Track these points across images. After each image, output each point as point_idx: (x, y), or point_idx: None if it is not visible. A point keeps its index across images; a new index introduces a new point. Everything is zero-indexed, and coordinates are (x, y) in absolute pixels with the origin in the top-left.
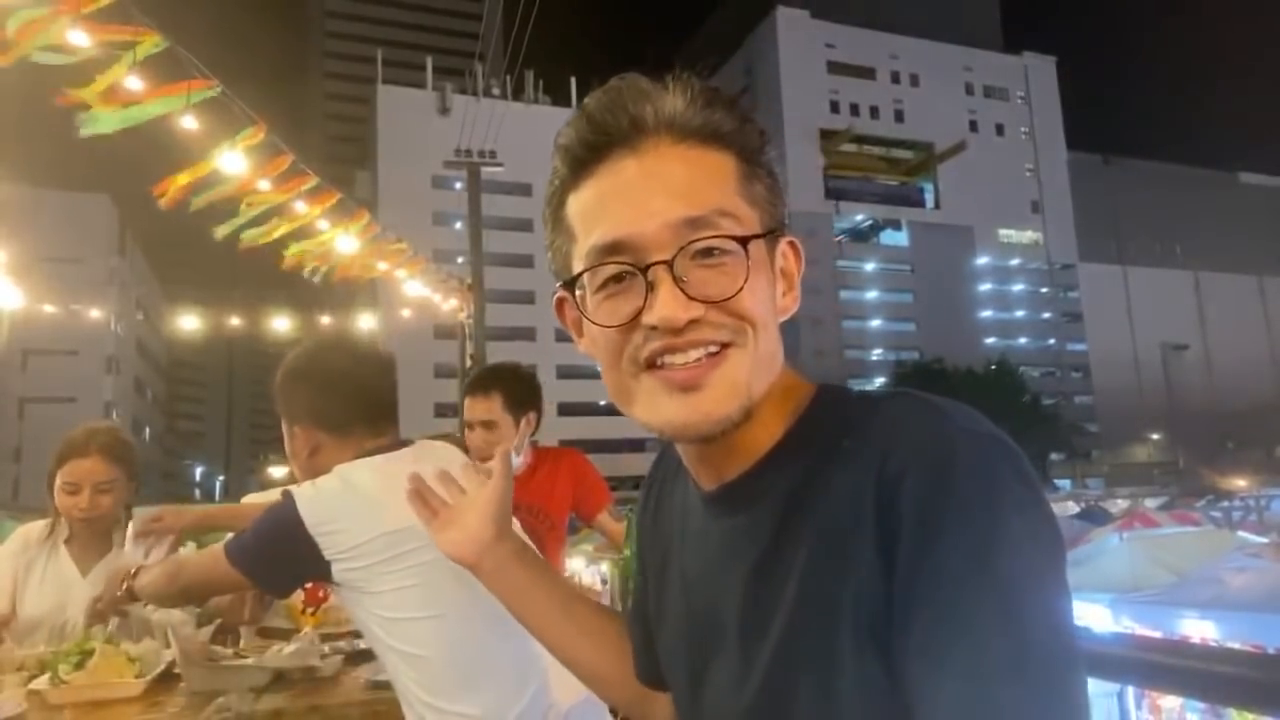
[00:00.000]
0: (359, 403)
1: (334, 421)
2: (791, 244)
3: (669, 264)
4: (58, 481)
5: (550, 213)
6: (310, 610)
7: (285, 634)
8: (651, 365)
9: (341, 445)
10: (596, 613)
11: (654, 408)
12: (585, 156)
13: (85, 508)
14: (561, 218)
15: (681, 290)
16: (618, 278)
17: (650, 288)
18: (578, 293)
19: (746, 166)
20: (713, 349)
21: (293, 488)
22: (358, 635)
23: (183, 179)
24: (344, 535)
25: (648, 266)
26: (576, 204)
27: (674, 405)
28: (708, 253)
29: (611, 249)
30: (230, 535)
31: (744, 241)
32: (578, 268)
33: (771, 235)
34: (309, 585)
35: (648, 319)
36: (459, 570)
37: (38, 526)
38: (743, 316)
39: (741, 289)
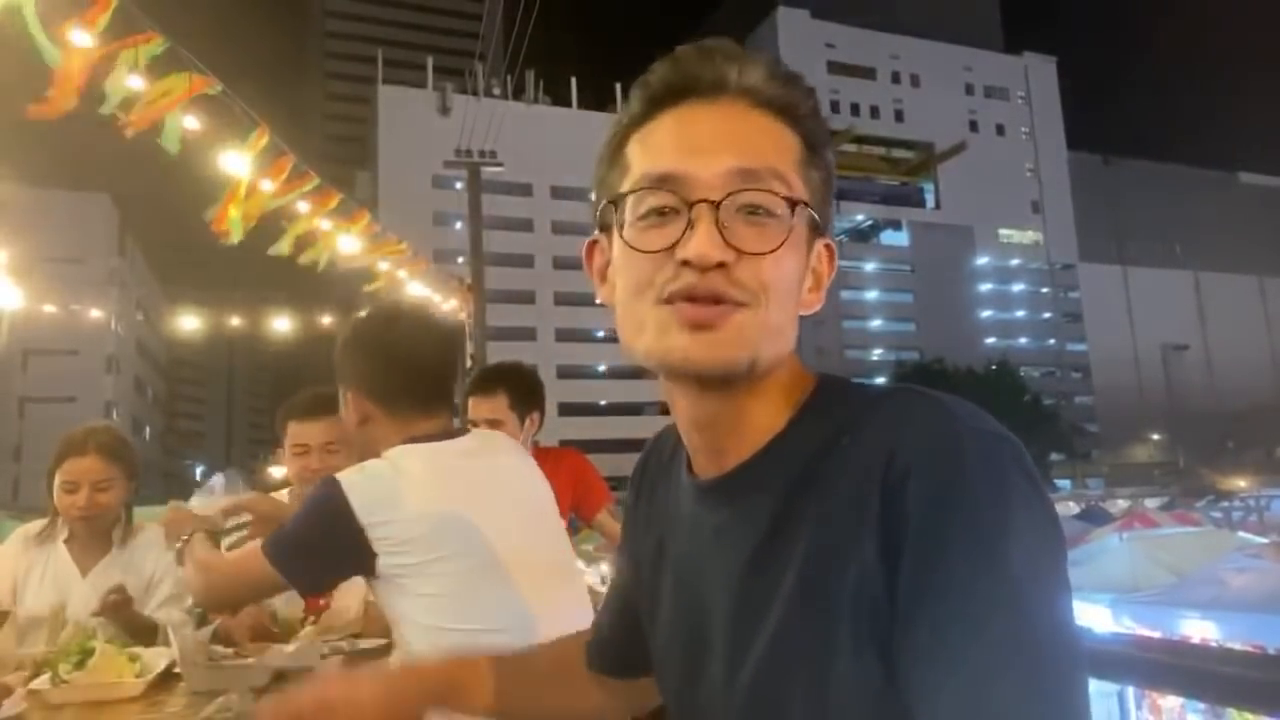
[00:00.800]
0: (410, 378)
1: (383, 393)
2: (828, 247)
3: (715, 205)
4: (56, 480)
5: (609, 150)
6: (312, 619)
7: (283, 639)
8: (673, 301)
9: (390, 419)
10: (557, 657)
11: (663, 337)
12: (663, 97)
13: (84, 506)
14: (620, 155)
15: (720, 234)
16: (660, 211)
17: (690, 225)
18: (616, 222)
19: (809, 153)
20: (728, 306)
21: (338, 474)
22: (357, 635)
23: (234, 211)
24: (394, 526)
25: (694, 204)
26: (639, 140)
27: (684, 338)
28: (754, 210)
29: (663, 179)
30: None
31: (792, 206)
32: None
33: (815, 224)
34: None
35: (682, 252)
36: (494, 582)
37: (37, 526)
38: (764, 283)
39: (774, 250)
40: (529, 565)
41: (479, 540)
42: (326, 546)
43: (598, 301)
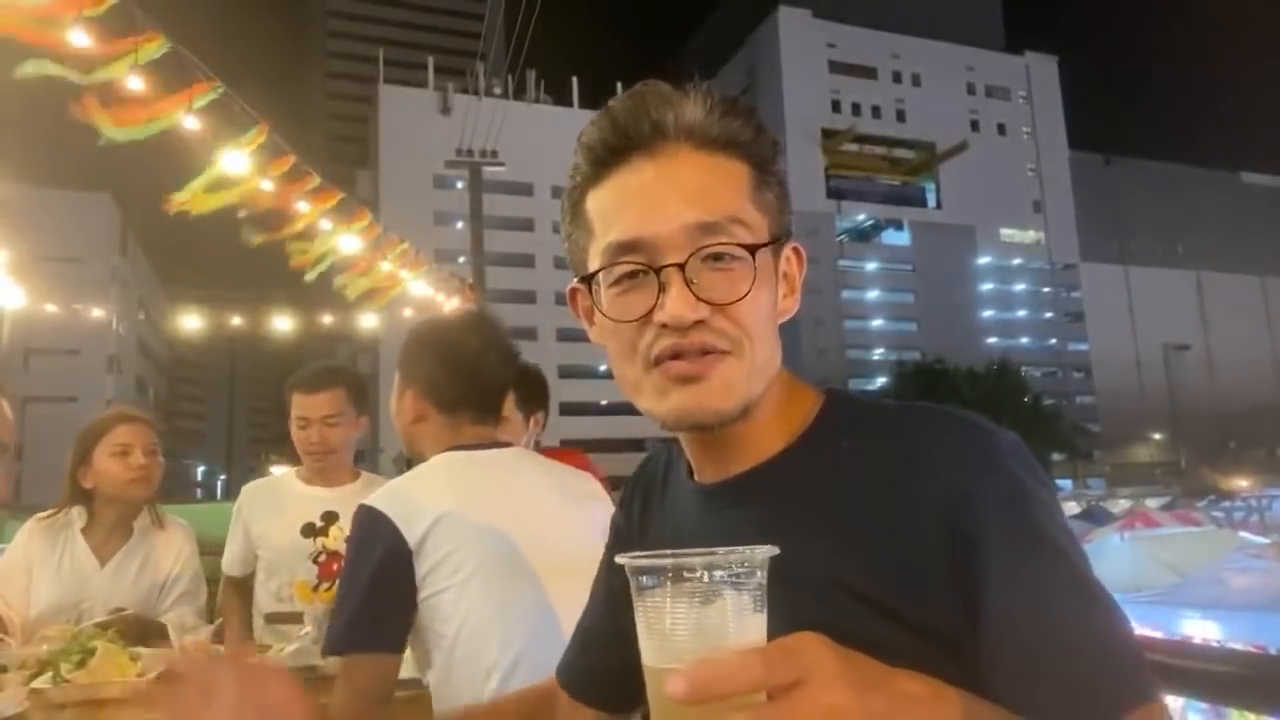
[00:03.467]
0: (473, 387)
1: (445, 397)
2: (796, 249)
3: (681, 266)
4: (98, 452)
5: (570, 206)
6: (325, 586)
7: (295, 617)
8: (661, 362)
9: (445, 423)
10: (525, 710)
11: (661, 399)
12: (607, 157)
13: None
14: (580, 212)
15: (691, 292)
16: (632, 274)
17: (662, 288)
18: (593, 286)
19: (759, 175)
20: (712, 354)
21: (371, 501)
22: None
23: (198, 188)
24: (431, 543)
25: (661, 268)
26: (595, 201)
27: (678, 395)
28: (718, 257)
29: (628, 248)
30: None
31: (752, 250)
32: (594, 262)
33: (778, 243)
34: (323, 559)
35: (659, 317)
36: (531, 597)
37: (48, 514)
38: (742, 327)
39: (745, 295)
40: (565, 583)
41: (515, 555)
42: (392, 593)
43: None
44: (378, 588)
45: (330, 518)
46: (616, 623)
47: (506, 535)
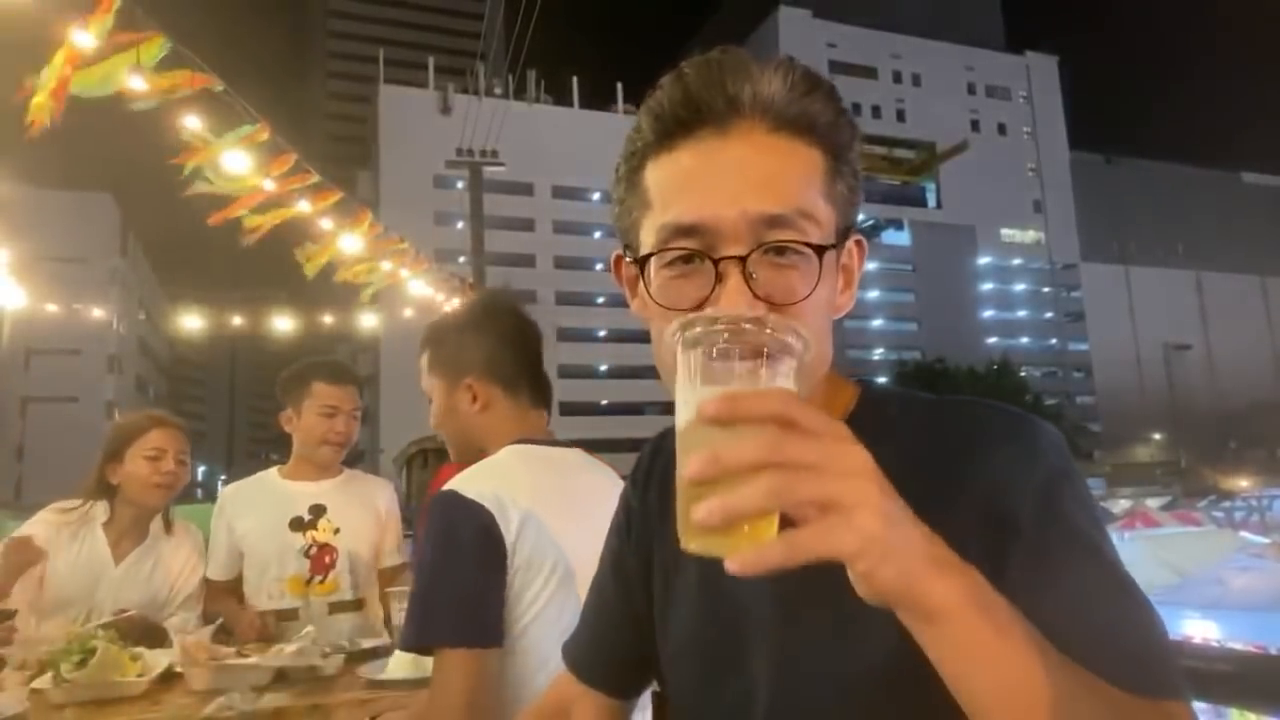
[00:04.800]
0: (532, 363)
1: (508, 374)
2: (859, 241)
3: (742, 259)
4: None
5: (626, 172)
6: (319, 579)
7: (291, 614)
8: None
9: (511, 402)
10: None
11: None
12: (673, 128)
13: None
14: (637, 181)
15: (750, 287)
16: (686, 259)
17: (719, 278)
18: (642, 267)
19: (834, 164)
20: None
21: (453, 485)
22: (362, 635)
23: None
24: (526, 524)
25: (720, 259)
26: (657, 173)
27: None
28: (781, 252)
29: (686, 231)
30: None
31: (820, 251)
32: (646, 238)
33: (843, 239)
34: (314, 552)
35: (712, 311)
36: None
37: (70, 504)
38: (800, 327)
39: (806, 298)
40: None
41: (578, 565)
42: (495, 583)
43: (599, 301)
44: (480, 575)
45: (318, 510)
46: (629, 605)
47: (573, 544)
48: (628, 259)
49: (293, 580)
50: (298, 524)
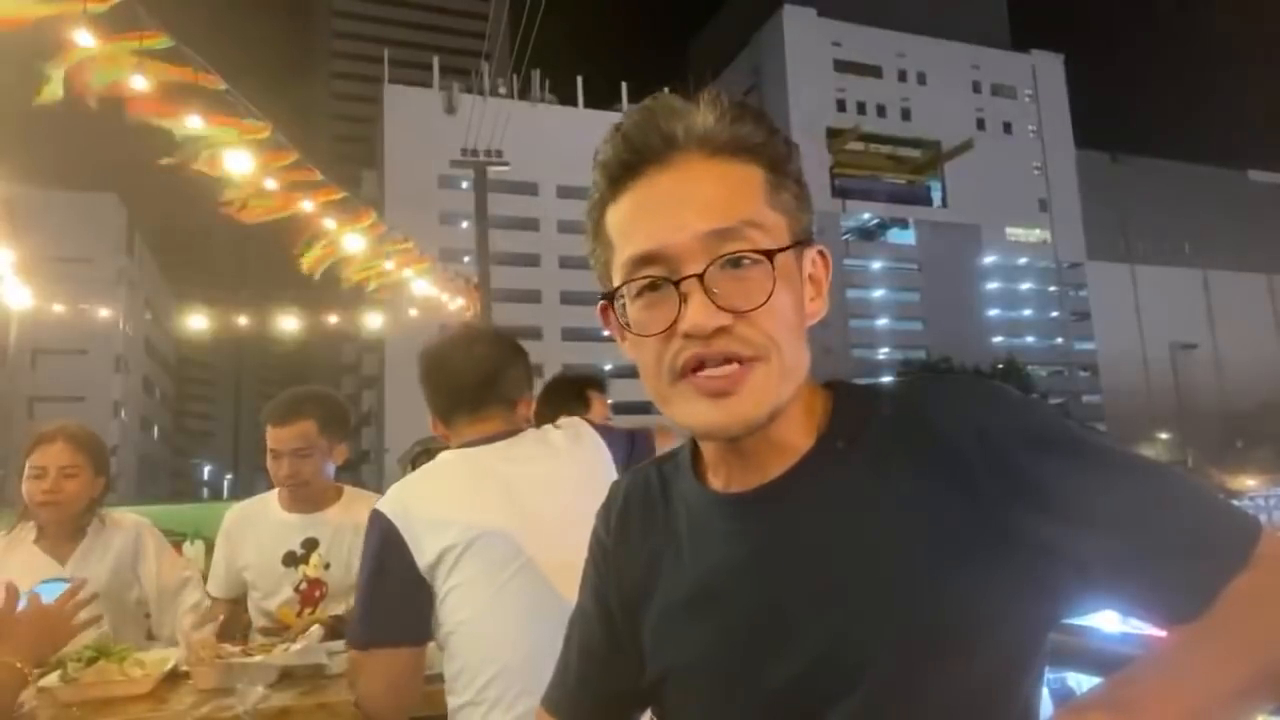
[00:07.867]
0: (454, 394)
1: (440, 411)
2: (821, 252)
3: (700, 276)
4: (25, 470)
5: (591, 224)
6: (309, 611)
7: (285, 632)
8: (686, 373)
9: (462, 424)
10: None
11: (689, 411)
12: (621, 174)
13: (49, 490)
14: (601, 230)
15: (711, 300)
16: (654, 286)
17: (683, 299)
18: (618, 302)
19: (774, 177)
20: (740, 363)
21: (379, 505)
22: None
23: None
24: (429, 540)
25: (680, 279)
26: (614, 217)
27: (707, 409)
28: (736, 263)
29: (646, 260)
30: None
31: (770, 255)
32: (616, 277)
33: (799, 245)
34: (304, 587)
35: (681, 327)
36: (533, 589)
37: (7, 531)
38: (765, 332)
39: (767, 300)
40: (568, 577)
41: (514, 545)
42: (401, 589)
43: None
44: (385, 584)
45: (310, 545)
46: (616, 648)
47: (506, 533)
48: (606, 304)
49: (283, 610)
50: (290, 559)
